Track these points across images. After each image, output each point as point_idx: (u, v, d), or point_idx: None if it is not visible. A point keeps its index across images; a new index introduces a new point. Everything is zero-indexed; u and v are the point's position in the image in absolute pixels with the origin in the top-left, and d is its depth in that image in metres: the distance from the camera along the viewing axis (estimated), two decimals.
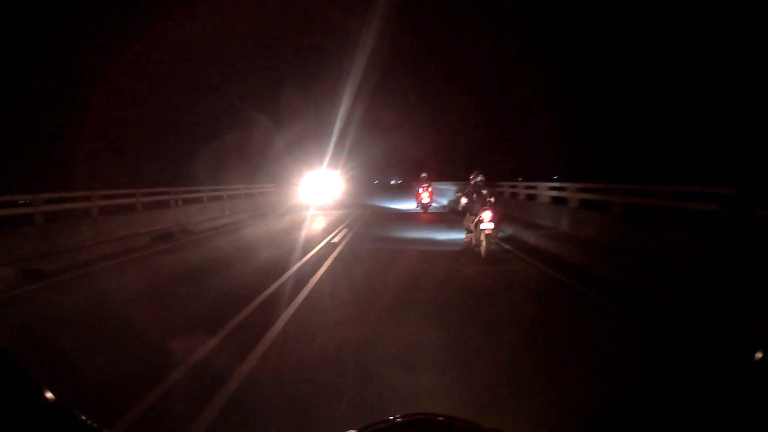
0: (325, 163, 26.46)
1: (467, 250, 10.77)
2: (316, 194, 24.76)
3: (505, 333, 5.30)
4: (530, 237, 12.19)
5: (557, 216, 13.23)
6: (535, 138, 25.76)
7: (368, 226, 16.73)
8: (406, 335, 5.22)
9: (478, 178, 10.62)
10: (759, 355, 0.83)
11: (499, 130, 28.97)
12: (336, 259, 10.11)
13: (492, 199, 10.16)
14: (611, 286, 7.27)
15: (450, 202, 24.36)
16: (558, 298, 6.99)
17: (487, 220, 9.84)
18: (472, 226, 10.62)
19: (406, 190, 35.70)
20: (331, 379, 4.10)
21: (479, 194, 10.40)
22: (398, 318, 5.90)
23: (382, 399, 3.71)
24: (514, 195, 18.20)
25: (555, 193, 14.16)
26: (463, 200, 10.94)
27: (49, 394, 0.91)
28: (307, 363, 4.44)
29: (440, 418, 1.23)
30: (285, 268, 9.06)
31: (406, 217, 21.19)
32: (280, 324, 5.65)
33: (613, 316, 5.87)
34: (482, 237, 9.94)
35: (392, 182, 52.36)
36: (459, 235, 12.39)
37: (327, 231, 15.23)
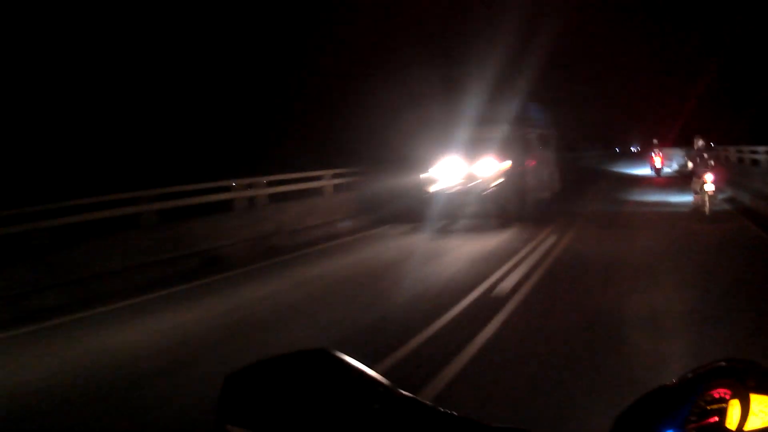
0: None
1: (694, 211, 11.57)
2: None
3: (737, 290, 5.61)
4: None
5: None
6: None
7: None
8: (647, 296, 5.68)
9: (700, 143, 11.39)
10: None
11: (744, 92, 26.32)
12: None
13: (713, 162, 10.91)
14: None
15: (680, 166, 25.36)
16: None
17: (709, 182, 10.68)
18: (697, 188, 11.43)
19: (640, 156, 35.72)
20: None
21: (702, 158, 11.22)
22: (636, 277, 6.64)
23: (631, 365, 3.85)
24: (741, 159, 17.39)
25: None
26: (690, 164, 11.94)
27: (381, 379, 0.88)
28: None
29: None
30: None
31: (640, 181, 23.06)
32: None
33: None
34: (706, 198, 10.80)
35: (633, 149, 55.49)
36: (688, 197, 13.03)
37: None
